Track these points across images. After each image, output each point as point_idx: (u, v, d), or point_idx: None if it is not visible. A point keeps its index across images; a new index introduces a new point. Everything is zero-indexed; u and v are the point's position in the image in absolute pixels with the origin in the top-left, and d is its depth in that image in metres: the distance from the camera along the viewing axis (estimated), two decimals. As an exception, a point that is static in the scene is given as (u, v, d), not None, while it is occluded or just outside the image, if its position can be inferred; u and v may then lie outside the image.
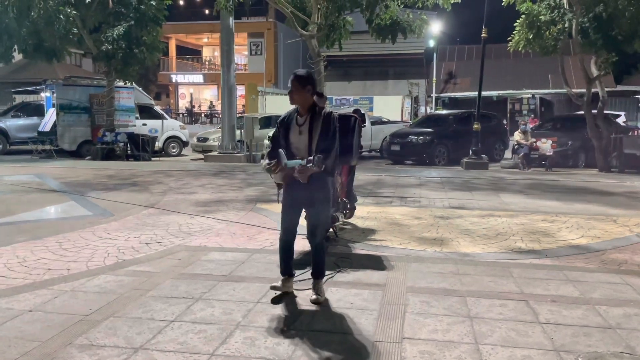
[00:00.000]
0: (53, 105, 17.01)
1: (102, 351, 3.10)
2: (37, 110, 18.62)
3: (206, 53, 44.58)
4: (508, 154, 16.96)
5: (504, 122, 26.96)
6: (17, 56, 18.42)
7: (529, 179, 11.91)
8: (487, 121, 16.92)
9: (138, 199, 8.45)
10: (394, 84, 37.68)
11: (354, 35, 15.94)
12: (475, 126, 14.32)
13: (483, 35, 14.21)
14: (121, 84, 16.75)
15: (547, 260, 5.18)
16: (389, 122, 19.85)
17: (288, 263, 3.98)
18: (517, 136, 15.08)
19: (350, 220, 6.58)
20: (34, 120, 18.20)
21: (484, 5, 14.31)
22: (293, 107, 3.90)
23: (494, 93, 29.88)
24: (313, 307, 3.83)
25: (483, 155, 14.70)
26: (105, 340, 3.24)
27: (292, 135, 3.79)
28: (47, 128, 17.06)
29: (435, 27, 30.17)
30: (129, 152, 16.00)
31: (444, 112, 22.89)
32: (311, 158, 3.60)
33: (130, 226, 6.50)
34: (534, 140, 14.81)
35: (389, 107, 25.80)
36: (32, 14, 14.48)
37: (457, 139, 15.66)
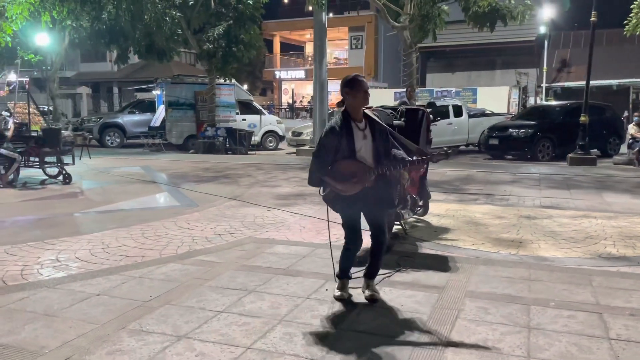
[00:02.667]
0: (163, 102, 18.30)
1: (149, 337, 3.26)
2: (150, 107, 20.19)
3: (308, 49, 45.32)
4: (624, 149, 15.40)
5: (625, 113, 24.55)
6: (135, 57, 20.12)
7: (643, 176, 10.74)
8: (600, 113, 15.50)
9: (224, 191, 8.82)
10: (501, 74, 35.73)
11: (456, 25, 15.37)
12: (583, 118, 13.14)
13: (592, 19, 12.98)
14: (222, 81, 17.58)
15: (639, 268, 4.63)
16: (491, 114, 18.86)
17: (348, 269, 3.95)
18: (632, 129, 13.62)
19: (424, 218, 6.36)
20: (146, 116, 19.74)
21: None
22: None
23: (613, 82, 27.29)
24: (360, 306, 3.75)
25: (593, 150, 13.48)
26: (154, 327, 3.41)
27: (357, 141, 3.68)
28: (157, 123, 18.39)
29: (547, 12, 28.16)
30: (227, 146, 16.77)
31: (551, 103, 21.30)
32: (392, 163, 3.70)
33: (210, 217, 6.79)
34: (652, 133, 13.30)
35: (495, 98, 24.41)
36: (145, 17, 15.63)
37: (564, 133, 14.47)
